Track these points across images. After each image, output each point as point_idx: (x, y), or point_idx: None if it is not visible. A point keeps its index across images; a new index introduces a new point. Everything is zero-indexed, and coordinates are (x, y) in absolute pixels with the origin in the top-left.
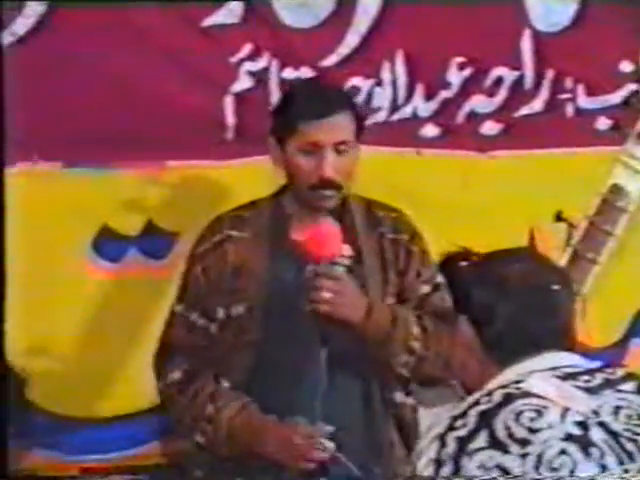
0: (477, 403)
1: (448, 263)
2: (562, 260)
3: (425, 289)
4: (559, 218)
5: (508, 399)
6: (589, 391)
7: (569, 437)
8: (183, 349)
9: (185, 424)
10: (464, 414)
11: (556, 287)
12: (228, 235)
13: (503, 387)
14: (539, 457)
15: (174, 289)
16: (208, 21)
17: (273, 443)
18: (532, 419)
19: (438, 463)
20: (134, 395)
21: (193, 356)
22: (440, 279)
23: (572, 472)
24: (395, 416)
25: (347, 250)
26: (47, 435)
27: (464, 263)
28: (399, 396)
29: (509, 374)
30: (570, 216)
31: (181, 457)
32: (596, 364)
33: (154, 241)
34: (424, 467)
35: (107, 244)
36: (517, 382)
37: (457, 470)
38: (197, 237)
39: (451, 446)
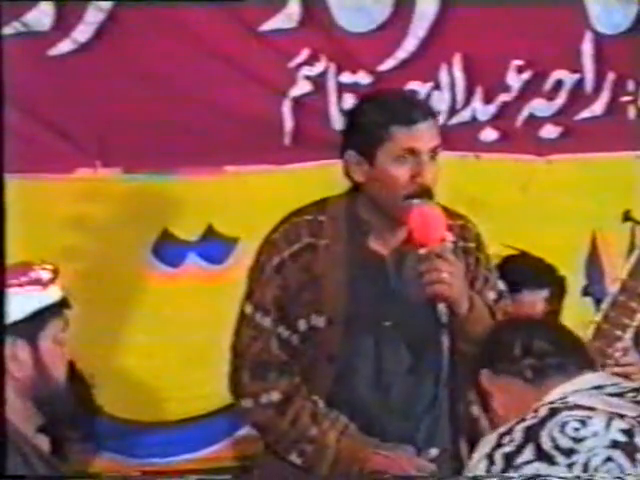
0: (523, 420)
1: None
2: (629, 262)
3: (492, 295)
4: (627, 218)
5: (553, 413)
6: (638, 404)
7: (614, 444)
8: (275, 365)
9: (282, 445)
10: (510, 430)
11: None
12: (307, 243)
13: (549, 404)
14: (585, 465)
15: (233, 293)
16: (266, 26)
17: (380, 468)
18: (577, 429)
19: None
20: (196, 399)
21: (285, 372)
22: (502, 286)
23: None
24: (468, 429)
25: (450, 236)
26: (111, 439)
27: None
28: (476, 410)
29: (554, 394)
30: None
31: (246, 460)
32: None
33: (214, 246)
34: None
35: (167, 249)
36: (562, 398)
37: None
38: (269, 244)
39: (499, 463)
